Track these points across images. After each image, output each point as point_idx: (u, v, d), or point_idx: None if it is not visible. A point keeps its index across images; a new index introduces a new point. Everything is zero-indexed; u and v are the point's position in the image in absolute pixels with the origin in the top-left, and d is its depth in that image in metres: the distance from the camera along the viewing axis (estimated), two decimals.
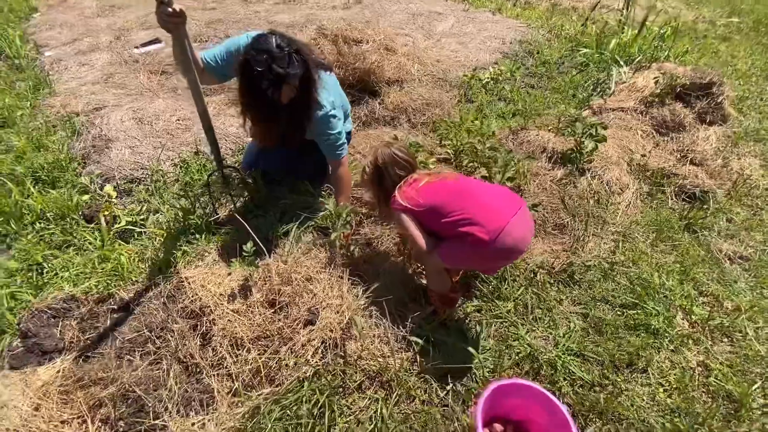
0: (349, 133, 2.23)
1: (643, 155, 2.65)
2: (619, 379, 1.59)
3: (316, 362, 1.45)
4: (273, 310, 1.56)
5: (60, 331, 1.60)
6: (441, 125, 2.60)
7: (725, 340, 1.78)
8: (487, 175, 2.12)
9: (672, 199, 2.50)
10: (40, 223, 2.07)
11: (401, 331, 1.60)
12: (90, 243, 1.97)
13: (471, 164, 2.28)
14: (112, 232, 2.02)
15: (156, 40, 4.00)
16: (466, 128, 2.42)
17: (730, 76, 4.04)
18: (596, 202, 2.35)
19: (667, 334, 1.74)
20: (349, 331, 1.55)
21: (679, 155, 2.79)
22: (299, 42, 1.65)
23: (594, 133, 2.40)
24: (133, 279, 1.83)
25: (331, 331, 1.50)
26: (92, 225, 2.07)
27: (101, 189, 2.26)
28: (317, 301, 1.57)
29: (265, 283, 1.64)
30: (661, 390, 1.58)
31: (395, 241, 1.96)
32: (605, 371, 1.61)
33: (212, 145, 1.91)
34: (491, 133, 2.35)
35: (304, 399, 1.36)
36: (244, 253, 1.62)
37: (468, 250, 1.37)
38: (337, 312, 1.55)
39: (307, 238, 1.89)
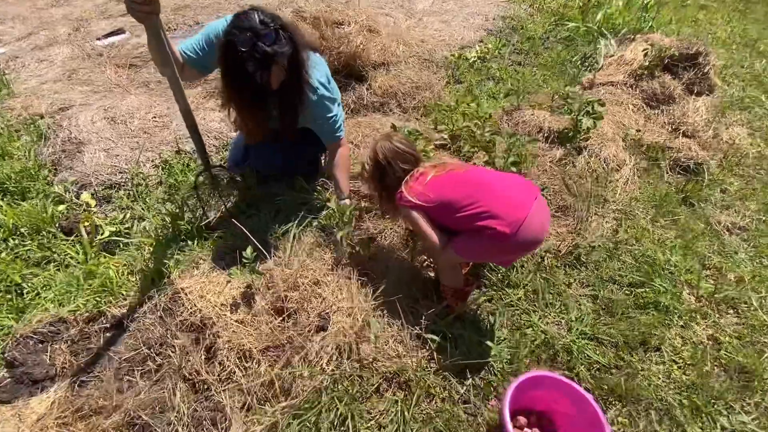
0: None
1: (638, 130, 2.64)
2: (634, 360, 1.59)
3: (332, 370, 1.39)
4: (281, 318, 1.48)
5: (50, 356, 1.48)
6: (435, 109, 2.51)
7: (731, 312, 1.81)
8: (488, 160, 2.06)
9: (668, 172, 2.50)
10: (13, 239, 1.90)
11: (415, 329, 1.55)
12: (72, 258, 1.83)
13: (471, 150, 2.21)
14: (95, 244, 1.88)
15: (119, 31, 3.72)
16: (461, 111, 2.34)
17: (712, 44, 4.05)
18: (595, 180, 2.32)
19: (676, 311, 1.75)
20: (362, 333, 1.48)
21: (670, 128, 2.78)
22: (284, 18, 1.51)
23: (591, 111, 2.36)
24: (124, 294, 1.71)
25: (345, 335, 1.43)
26: (72, 237, 1.92)
27: (78, 197, 2.10)
28: (327, 305, 1.50)
29: (269, 290, 1.55)
30: (675, 367, 1.59)
31: (399, 234, 1.89)
32: (620, 353, 1.61)
33: (197, 144, 1.78)
34: (488, 116, 2.27)
35: (323, 410, 1.31)
36: (245, 260, 1.52)
37: (486, 243, 1.31)
38: (349, 315, 1.48)
39: (308, 238, 1.80)
